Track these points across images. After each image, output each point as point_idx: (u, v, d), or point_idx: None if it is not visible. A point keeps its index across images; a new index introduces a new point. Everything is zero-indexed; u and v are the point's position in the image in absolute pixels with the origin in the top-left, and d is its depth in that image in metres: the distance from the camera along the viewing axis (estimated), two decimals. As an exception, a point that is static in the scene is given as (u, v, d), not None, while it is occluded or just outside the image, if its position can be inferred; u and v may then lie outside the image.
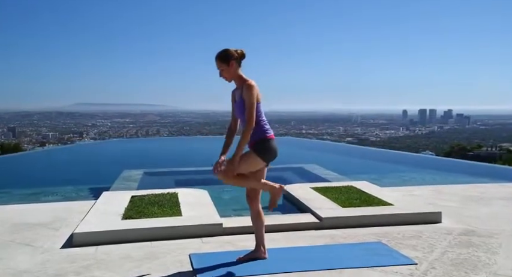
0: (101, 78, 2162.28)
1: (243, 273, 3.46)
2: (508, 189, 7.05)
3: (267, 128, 3.62)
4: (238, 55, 3.57)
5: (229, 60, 3.53)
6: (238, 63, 3.58)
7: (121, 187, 6.74)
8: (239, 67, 3.59)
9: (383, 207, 5.18)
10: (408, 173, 9.16)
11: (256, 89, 3.51)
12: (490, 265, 3.70)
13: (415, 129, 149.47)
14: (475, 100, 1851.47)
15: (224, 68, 3.56)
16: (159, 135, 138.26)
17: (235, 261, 3.71)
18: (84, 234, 4.22)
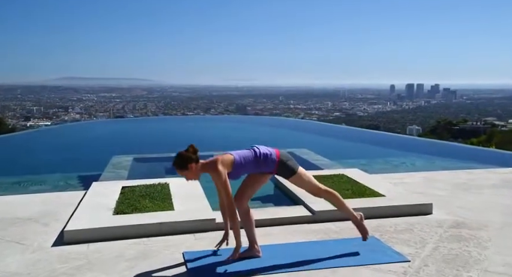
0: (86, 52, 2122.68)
1: (237, 272, 3.46)
2: (495, 175, 7.12)
3: (268, 155, 3.62)
4: (194, 155, 3.50)
5: (187, 165, 3.48)
6: (196, 160, 3.50)
7: (111, 176, 6.66)
8: (198, 162, 3.51)
9: (375, 198, 5.20)
10: (398, 157, 9.21)
11: (222, 170, 3.45)
12: (481, 261, 3.75)
13: (402, 103, 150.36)
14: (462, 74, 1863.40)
15: (186, 173, 3.52)
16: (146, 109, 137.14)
17: (229, 259, 3.71)
18: (75, 232, 4.16)
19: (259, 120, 22.51)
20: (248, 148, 3.71)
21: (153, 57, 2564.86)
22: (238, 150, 3.69)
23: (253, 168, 3.63)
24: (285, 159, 3.69)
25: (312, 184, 3.81)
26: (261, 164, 3.62)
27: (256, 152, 3.63)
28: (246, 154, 3.62)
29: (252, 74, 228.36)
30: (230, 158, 3.55)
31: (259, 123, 19.00)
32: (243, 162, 3.57)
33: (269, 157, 3.63)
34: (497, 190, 6.21)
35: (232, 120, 22.08)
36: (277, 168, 3.66)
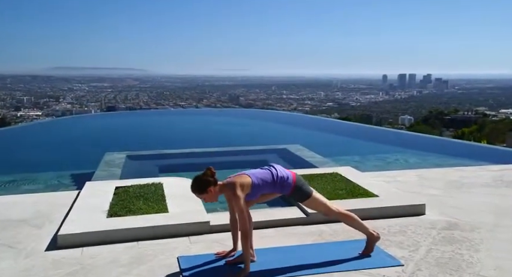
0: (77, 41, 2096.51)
1: None
2: (487, 172, 7.18)
3: (285, 179, 3.63)
4: (212, 178, 3.50)
5: (206, 189, 3.47)
6: (215, 182, 3.49)
7: (104, 175, 6.63)
8: (216, 184, 3.51)
9: (369, 199, 5.22)
10: (391, 154, 9.25)
11: (241, 195, 3.45)
12: (473, 264, 3.78)
13: (394, 93, 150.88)
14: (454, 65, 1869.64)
15: (205, 196, 3.51)
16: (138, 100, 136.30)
17: (223, 264, 3.72)
18: (68, 236, 4.14)
19: (253, 114, 22.47)
20: (265, 168, 3.71)
21: (145, 47, 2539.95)
22: (254, 170, 3.68)
23: (269, 189, 3.63)
24: (300, 183, 3.70)
25: (326, 207, 3.81)
26: (277, 187, 3.63)
27: (273, 174, 3.63)
28: (264, 176, 3.61)
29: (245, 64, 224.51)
30: (248, 181, 3.53)
31: (253, 117, 18.98)
32: (261, 184, 3.57)
33: (286, 181, 3.63)
34: (489, 189, 6.26)
35: (225, 114, 22.02)
36: (292, 192, 3.68)
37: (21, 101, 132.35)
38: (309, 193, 3.72)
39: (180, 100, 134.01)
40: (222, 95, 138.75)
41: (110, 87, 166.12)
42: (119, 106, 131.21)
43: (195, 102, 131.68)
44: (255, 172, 3.64)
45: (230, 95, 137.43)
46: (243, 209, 3.44)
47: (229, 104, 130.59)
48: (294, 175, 3.73)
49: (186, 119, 18.14)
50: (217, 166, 8.05)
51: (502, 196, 5.91)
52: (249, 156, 8.57)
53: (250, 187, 3.53)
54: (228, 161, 8.31)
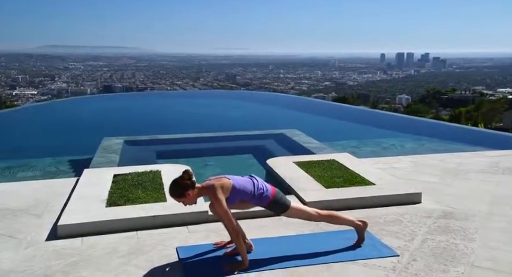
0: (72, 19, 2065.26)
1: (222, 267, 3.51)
2: (482, 159, 7.23)
3: (263, 193, 3.64)
4: (189, 180, 3.46)
5: (184, 193, 3.44)
6: (192, 186, 3.47)
7: (102, 161, 6.64)
8: (194, 187, 3.48)
9: (365, 187, 5.26)
10: (387, 139, 9.28)
11: (221, 198, 3.44)
12: (468, 254, 3.85)
13: (392, 73, 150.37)
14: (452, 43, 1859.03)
15: (184, 200, 3.48)
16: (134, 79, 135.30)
17: (222, 255, 3.77)
18: (68, 226, 4.17)
19: (250, 96, 22.38)
20: (246, 177, 3.73)
21: (141, 25, 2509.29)
22: (236, 176, 3.69)
23: (247, 197, 3.63)
24: (278, 197, 3.70)
25: (306, 214, 3.84)
26: (255, 197, 3.64)
27: (254, 184, 3.65)
28: (245, 183, 3.63)
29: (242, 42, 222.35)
30: (229, 183, 3.53)
31: (250, 99, 18.91)
32: (241, 190, 3.57)
33: (264, 193, 3.65)
34: (485, 176, 6.31)
35: (222, 96, 21.92)
36: (269, 204, 3.69)
37: (16, 79, 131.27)
38: (287, 206, 3.73)
39: (176, 79, 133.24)
40: (219, 74, 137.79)
41: (105, 66, 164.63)
42: (115, 85, 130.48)
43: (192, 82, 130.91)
44: (236, 177, 3.66)
45: (227, 74, 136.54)
46: (226, 210, 3.44)
47: (226, 83, 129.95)
48: (273, 189, 3.75)
49: (181, 102, 18.06)
50: (214, 152, 8.12)
51: (498, 183, 5.97)
52: (246, 141, 8.59)
53: (230, 191, 3.52)
54: (225, 147, 8.34)
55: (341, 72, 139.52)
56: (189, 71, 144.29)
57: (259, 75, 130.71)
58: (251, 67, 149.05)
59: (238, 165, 7.10)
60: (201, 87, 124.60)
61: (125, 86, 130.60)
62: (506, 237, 4.22)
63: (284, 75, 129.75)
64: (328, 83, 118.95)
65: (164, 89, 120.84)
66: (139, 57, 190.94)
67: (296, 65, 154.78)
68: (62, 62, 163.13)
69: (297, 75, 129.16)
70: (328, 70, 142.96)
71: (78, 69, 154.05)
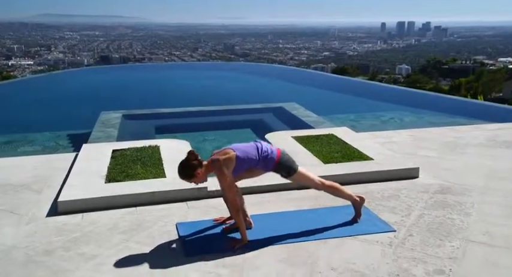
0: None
1: None
2: (481, 132, 7.24)
3: (268, 155, 3.65)
4: (196, 160, 3.50)
5: (194, 173, 3.47)
6: (200, 165, 3.49)
7: (100, 136, 6.64)
8: (202, 165, 3.51)
9: (364, 162, 5.29)
10: (386, 112, 9.26)
11: (227, 172, 3.48)
12: (463, 229, 3.91)
13: (392, 42, 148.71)
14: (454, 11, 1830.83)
15: (195, 180, 3.51)
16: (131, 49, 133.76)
17: (221, 231, 3.82)
18: (68, 202, 4.21)
19: (248, 68, 22.17)
20: (250, 143, 3.73)
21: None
22: (239, 144, 3.69)
23: (253, 163, 3.65)
24: (284, 159, 3.71)
25: (311, 181, 3.87)
26: (260, 161, 3.65)
27: (258, 148, 3.65)
28: (248, 149, 3.63)
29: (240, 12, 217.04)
30: (232, 155, 3.54)
31: (248, 72, 18.74)
32: (245, 158, 3.58)
33: (269, 155, 3.65)
34: (483, 149, 6.34)
35: (221, 68, 21.74)
36: (276, 166, 3.69)
37: (11, 49, 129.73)
38: (294, 168, 3.75)
39: (174, 49, 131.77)
40: (217, 44, 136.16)
41: (102, 35, 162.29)
42: (112, 56, 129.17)
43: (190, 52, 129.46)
44: (240, 146, 3.67)
45: (225, 44, 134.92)
46: (230, 184, 3.50)
47: (225, 53, 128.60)
48: (279, 150, 3.76)
49: (179, 74, 17.91)
50: (213, 127, 8.12)
51: (495, 157, 6.00)
52: (245, 115, 8.57)
53: (234, 162, 3.55)
54: (224, 121, 8.33)
55: (341, 42, 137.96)
56: (187, 41, 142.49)
57: (258, 46, 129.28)
58: (250, 37, 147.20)
59: (237, 139, 7.07)
60: (199, 57, 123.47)
61: (122, 57, 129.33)
62: (502, 211, 4.28)
63: (283, 45, 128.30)
64: (328, 53, 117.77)
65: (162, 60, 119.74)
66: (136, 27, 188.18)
67: (295, 34, 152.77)
68: (57, 31, 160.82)
69: (296, 45, 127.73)
70: (327, 40, 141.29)
71: (74, 39, 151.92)
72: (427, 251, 3.52)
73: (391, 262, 3.35)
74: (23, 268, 3.25)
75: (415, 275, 3.18)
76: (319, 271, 3.22)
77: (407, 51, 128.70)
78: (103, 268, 3.24)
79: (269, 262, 3.35)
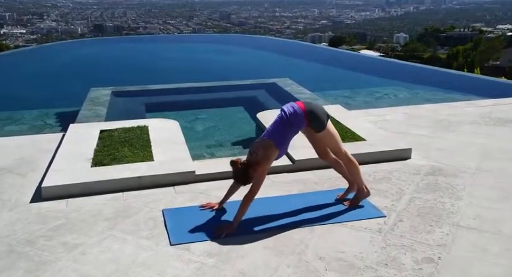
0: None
1: None
2: (475, 109, 7.14)
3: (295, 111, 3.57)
4: (242, 164, 3.50)
5: (248, 176, 3.51)
6: (248, 165, 3.51)
7: (89, 115, 6.50)
8: (250, 164, 3.50)
9: (356, 143, 5.19)
10: (381, 88, 9.10)
11: (266, 166, 3.53)
12: (454, 213, 3.86)
13: (390, 10, 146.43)
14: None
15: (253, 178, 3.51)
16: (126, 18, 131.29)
17: (208, 217, 3.76)
18: (52, 188, 4.12)
19: (241, 40, 21.76)
20: (278, 115, 3.63)
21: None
22: (272, 128, 3.60)
23: (291, 132, 3.60)
24: (310, 108, 3.61)
25: (336, 145, 3.79)
26: (293, 127, 3.58)
27: (284, 117, 3.56)
28: (281, 128, 3.55)
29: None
30: (275, 151, 3.53)
31: (241, 44, 18.39)
32: (284, 140, 3.57)
33: (296, 113, 3.56)
34: (476, 127, 6.25)
35: (213, 40, 21.33)
36: (308, 121, 3.59)
37: (3, 17, 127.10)
38: (323, 121, 3.64)
39: (169, 18, 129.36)
40: (213, 13, 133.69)
41: (95, 3, 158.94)
42: (106, 24, 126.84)
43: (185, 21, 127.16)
44: (274, 130, 3.57)
45: (221, 13, 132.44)
46: (263, 176, 3.53)
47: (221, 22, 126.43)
48: (302, 103, 3.67)
49: (171, 47, 17.55)
50: (205, 104, 7.94)
51: (489, 135, 5.92)
52: (237, 92, 8.41)
53: (277, 153, 3.56)
54: (216, 98, 8.17)
55: (338, 10, 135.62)
56: (182, 10, 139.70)
57: (255, 14, 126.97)
58: (246, 5, 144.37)
59: (229, 118, 6.97)
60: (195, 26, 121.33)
61: (117, 25, 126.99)
62: (493, 194, 4.22)
63: (280, 13, 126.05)
64: (325, 22, 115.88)
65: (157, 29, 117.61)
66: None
67: (292, 3, 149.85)
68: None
69: (293, 14, 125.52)
70: (325, 8, 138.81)
71: (67, 7, 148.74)
72: (417, 238, 3.47)
73: (379, 251, 3.31)
74: (4, 259, 3.18)
75: (403, 264, 3.14)
76: (306, 261, 3.17)
77: (405, 19, 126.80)
78: (85, 258, 3.18)
79: (256, 251, 3.30)
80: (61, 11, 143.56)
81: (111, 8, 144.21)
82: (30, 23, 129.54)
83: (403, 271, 3.05)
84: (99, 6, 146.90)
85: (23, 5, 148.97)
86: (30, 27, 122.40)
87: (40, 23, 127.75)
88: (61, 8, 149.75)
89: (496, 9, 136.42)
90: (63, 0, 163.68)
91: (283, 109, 3.63)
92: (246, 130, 6.18)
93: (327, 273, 3.04)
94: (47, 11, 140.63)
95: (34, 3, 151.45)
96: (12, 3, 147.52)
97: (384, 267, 3.11)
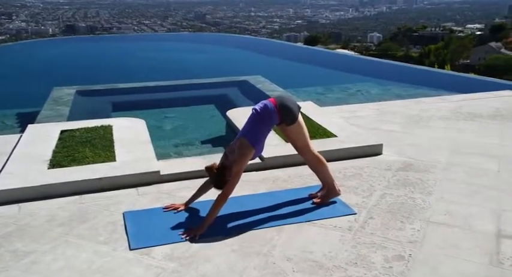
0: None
1: (178, 234, 3.32)
2: (446, 104, 7.13)
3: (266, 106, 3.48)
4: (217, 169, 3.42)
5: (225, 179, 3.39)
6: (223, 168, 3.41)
7: (50, 115, 6.21)
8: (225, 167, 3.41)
9: (327, 140, 5.08)
10: (353, 84, 9.05)
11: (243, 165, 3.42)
12: (425, 209, 3.77)
13: (364, 10, 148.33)
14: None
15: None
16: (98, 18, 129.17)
17: (172, 219, 3.57)
18: (3, 192, 3.86)
19: (212, 38, 21.56)
20: (251, 114, 3.54)
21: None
22: (245, 126, 3.53)
23: (265, 129, 3.50)
24: (280, 101, 3.51)
25: (305, 141, 3.70)
26: (266, 121, 3.47)
27: (255, 113, 3.48)
28: (253, 126, 3.47)
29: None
30: (250, 149, 3.41)
31: (212, 42, 18.21)
32: (259, 137, 3.46)
33: (267, 108, 3.46)
34: (447, 122, 6.23)
35: (184, 39, 21.05)
36: (280, 114, 3.48)
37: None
38: (295, 115, 3.55)
39: (144, 18, 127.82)
40: (188, 13, 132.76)
41: (66, 3, 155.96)
42: (78, 25, 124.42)
43: (160, 21, 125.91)
44: (247, 129, 3.48)
45: (196, 13, 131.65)
46: (239, 174, 3.39)
47: (196, 22, 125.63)
48: (273, 98, 3.58)
49: (141, 46, 17.21)
50: (174, 103, 7.73)
51: (459, 130, 5.90)
52: (208, 90, 8.21)
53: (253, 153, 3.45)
54: (186, 97, 7.96)
55: (313, 10, 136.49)
56: (157, 10, 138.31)
57: (230, 14, 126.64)
58: (221, 5, 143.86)
59: (199, 116, 6.78)
60: (169, 27, 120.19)
61: (89, 26, 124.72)
62: (463, 189, 4.16)
63: (255, 13, 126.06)
64: (300, 22, 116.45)
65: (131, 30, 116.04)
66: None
67: (267, 2, 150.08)
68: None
69: (268, 14, 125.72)
70: (300, 8, 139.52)
71: (37, 7, 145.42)
72: (387, 235, 3.37)
73: (349, 249, 3.18)
74: None
75: (373, 263, 3.02)
76: (273, 262, 3.02)
77: (378, 18, 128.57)
78: (36, 267, 2.95)
79: (221, 253, 3.13)
80: (31, 11, 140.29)
81: (83, 8, 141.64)
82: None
83: (373, 270, 2.93)
84: (70, 6, 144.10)
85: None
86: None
87: (9, 24, 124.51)
88: (31, 8, 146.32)
89: (466, 9, 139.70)
90: (33, 0, 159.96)
91: (254, 107, 3.53)
92: (216, 128, 6.01)
93: (295, 274, 2.90)
94: (16, 11, 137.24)
95: (3, 4, 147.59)
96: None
97: (353, 266, 2.98)
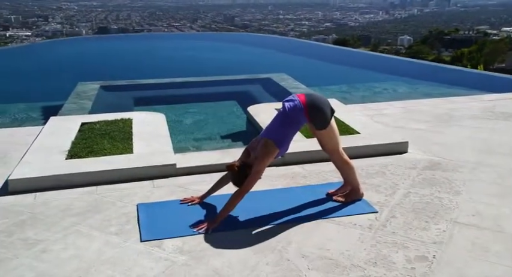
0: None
1: (190, 228, 3.22)
2: (477, 103, 6.83)
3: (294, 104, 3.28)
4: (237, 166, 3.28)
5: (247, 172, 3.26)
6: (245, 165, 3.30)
7: (72, 108, 6.24)
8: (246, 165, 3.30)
9: (350, 136, 4.90)
10: (380, 83, 8.80)
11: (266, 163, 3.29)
12: (452, 209, 3.56)
13: (394, 13, 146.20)
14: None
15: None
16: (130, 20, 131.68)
17: (185, 212, 3.47)
18: (20, 181, 3.85)
19: (239, 38, 21.51)
20: (279, 112, 3.38)
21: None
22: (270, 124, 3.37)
23: (292, 130, 3.34)
24: (311, 101, 3.28)
25: (335, 144, 3.51)
26: (294, 122, 3.30)
27: (283, 112, 3.30)
28: (280, 126, 3.29)
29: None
30: (274, 149, 3.27)
31: (240, 42, 18.15)
32: (283, 138, 3.29)
33: (296, 107, 3.27)
34: (478, 122, 5.95)
35: (210, 38, 21.08)
36: (309, 116, 3.29)
37: (8, 20, 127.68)
38: (327, 119, 3.34)
39: (173, 21, 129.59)
40: (217, 16, 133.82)
41: (99, 6, 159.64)
42: (110, 27, 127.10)
43: (189, 23, 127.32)
44: (273, 129, 3.31)
45: (225, 15, 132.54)
46: (256, 178, 3.26)
47: (224, 24, 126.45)
48: (303, 95, 3.36)
49: (169, 45, 17.32)
50: (197, 99, 7.68)
51: (491, 130, 5.62)
52: (231, 86, 8.13)
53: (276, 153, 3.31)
54: (209, 93, 7.90)
55: (342, 12, 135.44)
56: (186, 12, 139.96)
57: (258, 17, 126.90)
58: (250, 8, 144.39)
59: (221, 112, 6.69)
60: (199, 29, 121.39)
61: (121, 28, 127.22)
62: (493, 189, 3.92)
63: (284, 16, 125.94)
64: (329, 24, 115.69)
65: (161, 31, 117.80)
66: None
67: (296, 5, 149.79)
68: (54, 1, 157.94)
69: (296, 16, 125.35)
70: (328, 10, 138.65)
71: (72, 9, 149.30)
72: (410, 235, 3.18)
73: (369, 248, 3.01)
74: (-43, 256, 2.91)
75: (394, 263, 2.85)
76: (287, 259, 2.88)
77: (409, 21, 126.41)
78: (45, 256, 2.90)
79: (233, 248, 3.01)
80: (66, 14, 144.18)
81: (115, 11, 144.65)
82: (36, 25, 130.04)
83: (394, 271, 2.76)
84: (103, 9, 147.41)
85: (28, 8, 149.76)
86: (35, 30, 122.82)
87: (45, 26, 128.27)
88: (66, 11, 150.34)
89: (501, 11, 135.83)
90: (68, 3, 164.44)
91: (283, 104, 3.34)
92: (236, 124, 5.91)
93: (309, 271, 2.75)
94: (52, 14, 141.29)
95: (39, 6, 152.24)
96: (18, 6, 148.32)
97: (372, 265, 2.81)
